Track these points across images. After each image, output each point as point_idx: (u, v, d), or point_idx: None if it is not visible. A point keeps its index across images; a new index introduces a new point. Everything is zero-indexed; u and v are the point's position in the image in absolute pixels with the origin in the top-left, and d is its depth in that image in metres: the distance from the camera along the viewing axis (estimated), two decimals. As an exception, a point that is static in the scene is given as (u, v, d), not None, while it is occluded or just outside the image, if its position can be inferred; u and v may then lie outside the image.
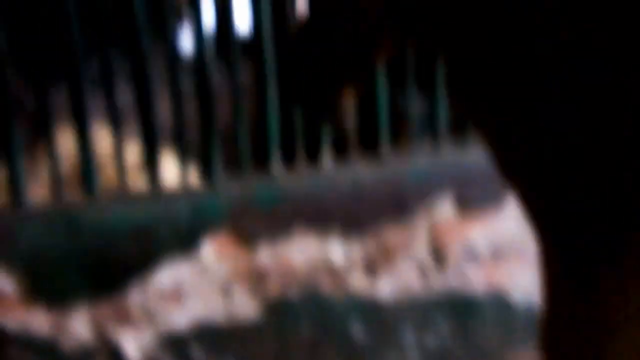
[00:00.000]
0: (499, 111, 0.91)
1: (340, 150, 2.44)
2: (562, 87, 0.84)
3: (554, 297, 0.94)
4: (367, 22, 1.00)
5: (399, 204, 2.40)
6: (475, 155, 2.41)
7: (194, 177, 2.57)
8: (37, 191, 2.49)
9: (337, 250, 2.37)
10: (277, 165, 2.36)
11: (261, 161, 2.40)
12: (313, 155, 2.40)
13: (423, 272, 2.46)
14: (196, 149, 2.42)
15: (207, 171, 2.36)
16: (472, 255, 2.51)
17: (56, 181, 2.18)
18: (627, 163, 0.82)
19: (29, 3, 2.17)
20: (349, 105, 2.41)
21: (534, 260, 1.02)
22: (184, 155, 2.37)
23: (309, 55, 1.07)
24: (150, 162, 2.28)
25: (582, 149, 0.84)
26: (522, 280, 2.53)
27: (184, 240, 2.22)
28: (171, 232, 2.21)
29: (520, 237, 2.41)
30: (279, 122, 2.34)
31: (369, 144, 2.46)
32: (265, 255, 2.30)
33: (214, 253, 2.25)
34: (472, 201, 2.47)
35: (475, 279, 2.52)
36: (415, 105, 2.49)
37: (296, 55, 1.10)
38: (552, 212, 0.90)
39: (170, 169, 2.62)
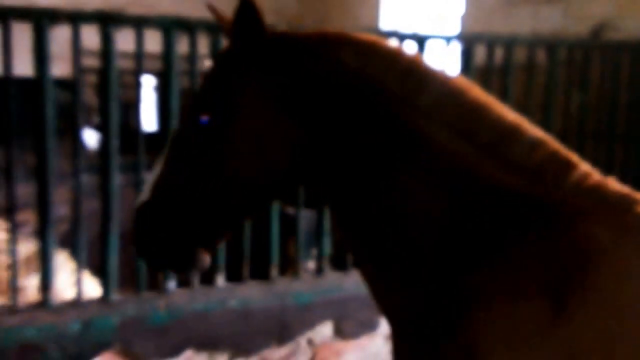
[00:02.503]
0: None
1: (233, 272, 2.49)
2: None
3: None
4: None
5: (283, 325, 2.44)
6: (353, 282, 2.52)
7: (87, 285, 2.49)
8: None
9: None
10: (172, 283, 2.32)
11: (156, 275, 2.35)
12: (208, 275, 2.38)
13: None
14: (92, 256, 2.36)
15: (102, 283, 2.29)
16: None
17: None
18: None
19: None
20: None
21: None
22: (79, 260, 2.30)
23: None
24: (44, 263, 2.19)
25: None
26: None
27: (72, 357, 2.16)
28: (60, 348, 2.14)
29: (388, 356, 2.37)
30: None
31: (260, 268, 2.55)
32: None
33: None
34: (349, 324, 2.56)
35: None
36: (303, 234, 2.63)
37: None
38: None
39: (64, 273, 2.55)
